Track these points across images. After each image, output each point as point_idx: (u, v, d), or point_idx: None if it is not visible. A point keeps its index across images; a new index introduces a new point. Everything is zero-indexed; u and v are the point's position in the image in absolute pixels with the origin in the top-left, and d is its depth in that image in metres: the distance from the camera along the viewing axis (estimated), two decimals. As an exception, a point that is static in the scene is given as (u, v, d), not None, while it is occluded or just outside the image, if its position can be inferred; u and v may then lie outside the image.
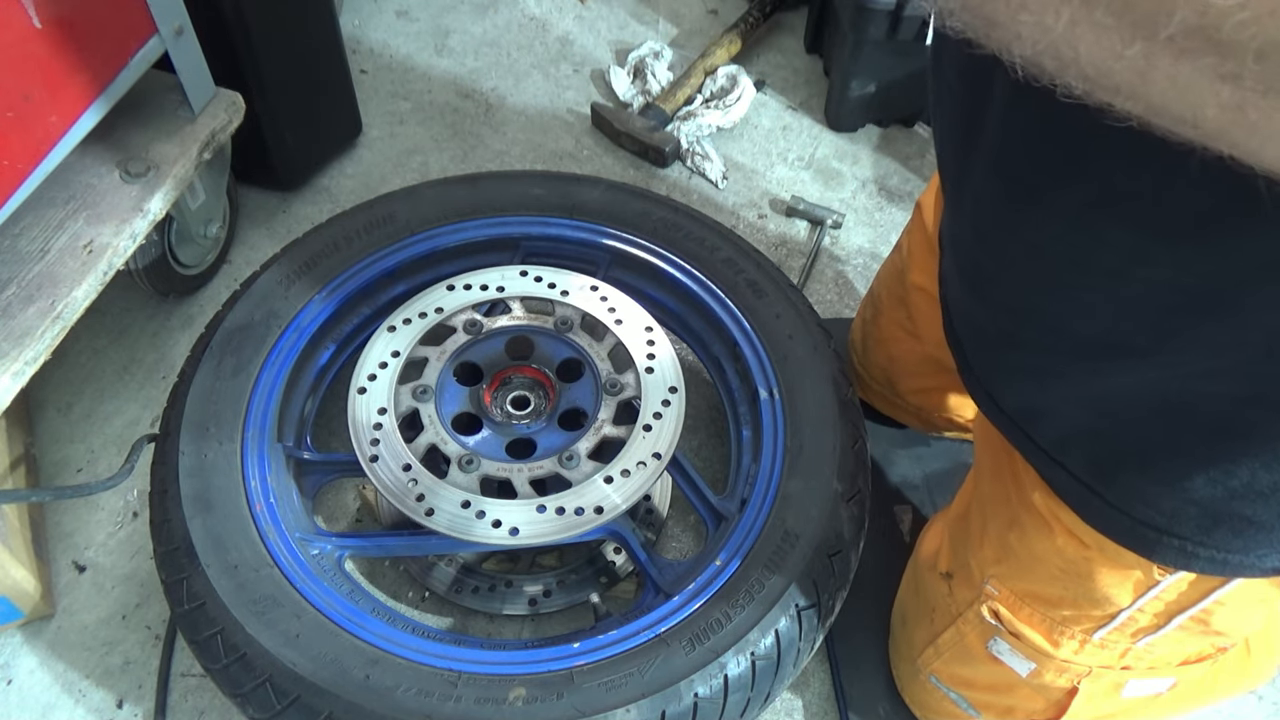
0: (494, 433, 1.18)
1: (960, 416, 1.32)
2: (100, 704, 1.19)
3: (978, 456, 1.02)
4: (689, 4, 2.10)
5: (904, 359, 1.28)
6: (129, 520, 1.33)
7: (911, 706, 1.18)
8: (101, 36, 1.14)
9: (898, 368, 1.30)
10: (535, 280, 1.28)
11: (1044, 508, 0.86)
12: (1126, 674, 0.92)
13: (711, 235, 1.36)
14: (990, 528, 0.96)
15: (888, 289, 1.27)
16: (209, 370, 1.18)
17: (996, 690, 1.01)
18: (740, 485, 1.20)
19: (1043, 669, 0.94)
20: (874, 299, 1.32)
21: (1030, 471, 0.87)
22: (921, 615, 1.09)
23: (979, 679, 1.02)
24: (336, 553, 1.15)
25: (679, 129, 1.80)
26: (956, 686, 1.05)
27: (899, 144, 1.87)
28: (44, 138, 1.11)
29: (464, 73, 1.94)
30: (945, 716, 1.12)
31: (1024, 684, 0.97)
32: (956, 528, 1.03)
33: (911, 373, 1.29)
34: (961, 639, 1.01)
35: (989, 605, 0.95)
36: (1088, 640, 0.90)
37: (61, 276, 1.15)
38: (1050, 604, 0.90)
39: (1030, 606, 0.92)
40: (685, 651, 1.01)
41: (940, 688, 1.08)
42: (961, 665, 1.03)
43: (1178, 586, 0.80)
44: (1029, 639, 0.93)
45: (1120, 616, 0.86)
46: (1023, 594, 0.92)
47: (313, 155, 1.72)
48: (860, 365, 1.39)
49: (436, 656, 1.01)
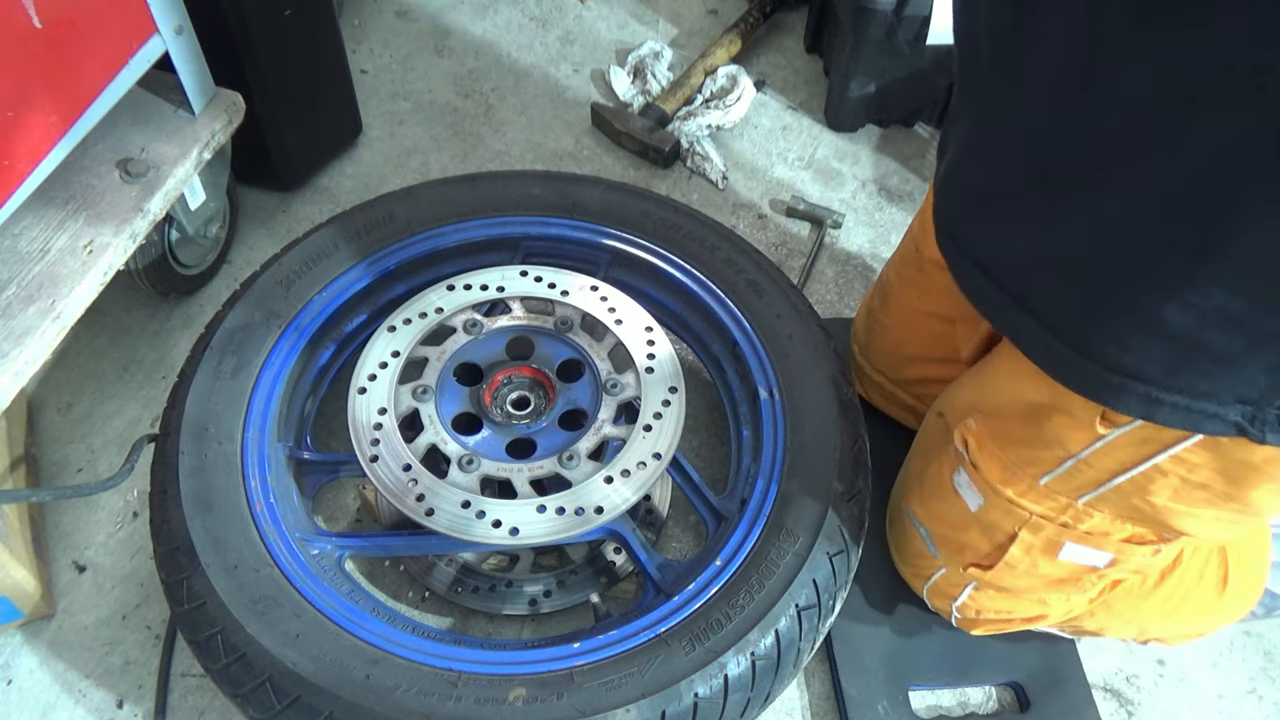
0: (494, 433, 1.18)
1: None
2: (100, 704, 1.19)
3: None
4: (689, 4, 2.10)
5: (912, 341, 1.29)
6: (129, 520, 1.33)
7: (893, 553, 1.27)
8: (101, 36, 1.14)
9: (904, 352, 1.31)
10: (535, 280, 1.29)
11: (1010, 353, 0.94)
12: (1064, 533, 0.99)
13: (711, 235, 1.36)
14: (975, 369, 1.08)
15: (897, 272, 1.28)
16: (209, 370, 1.18)
17: (954, 526, 1.10)
18: (740, 485, 1.20)
19: (990, 506, 1.02)
20: (882, 286, 1.33)
21: None
22: (918, 455, 1.20)
23: (943, 513, 1.11)
24: (336, 553, 1.15)
25: (679, 129, 1.80)
26: (926, 521, 1.15)
27: (899, 144, 1.87)
28: (45, 138, 1.11)
29: (464, 73, 1.94)
30: (913, 557, 1.20)
31: (974, 522, 1.05)
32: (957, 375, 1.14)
33: (916, 357, 1.30)
34: (939, 472, 1.10)
35: (962, 434, 1.04)
36: (1034, 484, 0.97)
37: (61, 276, 1.15)
38: (1010, 443, 0.99)
39: (993, 444, 1.01)
40: (685, 651, 1.01)
41: (914, 524, 1.17)
42: (933, 498, 1.13)
43: (1126, 441, 0.87)
44: (984, 473, 1.01)
45: (1066, 463, 0.93)
46: (992, 431, 1.01)
47: (313, 155, 1.72)
48: (862, 356, 1.40)
49: (436, 656, 1.01)
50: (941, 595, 1.17)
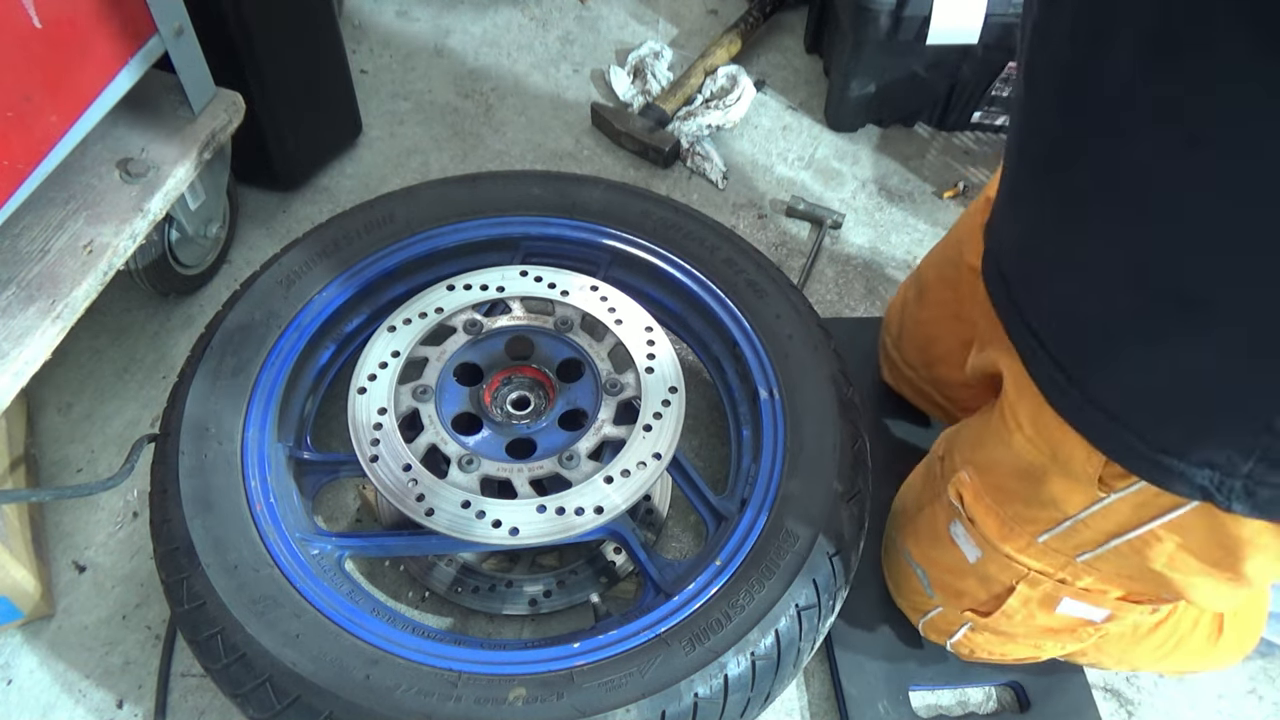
0: (494, 433, 1.18)
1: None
2: (100, 704, 1.19)
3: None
4: (689, 4, 2.10)
5: (943, 341, 1.29)
6: (129, 520, 1.33)
7: (889, 584, 1.26)
8: (101, 36, 1.14)
9: (935, 351, 1.31)
10: (535, 280, 1.28)
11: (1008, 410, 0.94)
12: (1062, 589, 0.98)
13: (711, 235, 1.36)
14: (975, 419, 1.07)
15: (937, 271, 1.28)
16: (209, 370, 1.18)
17: (951, 572, 1.09)
18: (740, 485, 1.20)
19: (988, 559, 1.01)
20: (919, 280, 1.32)
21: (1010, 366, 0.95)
22: (913, 495, 1.18)
23: (939, 559, 1.10)
24: (336, 553, 1.15)
25: (679, 129, 1.80)
26: (923, 563, 1.14)
27: (899, 144, 1.87)
28: (44, 138, 1.11)
29: (464, 73, 1.94)
30: (910, 594, 1.19)
31: (972, 572, 1.05)
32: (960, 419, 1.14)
33: (946, 359, 1.29)
34: (934, 518, 1.09)
35: (956, 488, 1.04)
36: (1032, 541, 0.96)
37: (61, 276, 1.15)
38: (1007, 498, 0.98)
39: (990, 498, 1.00)
40: (685, 651, 1.01)
41: (911, 564, 1.15)
42: (929, 544, 1.12)
43: (1123, 505, 0.86)
44: (981, 528, 1.00)
45: (1065, 524, 0.92)
46: (988, 485, 1.00)
47: (313, 155, 1.72)
48: (894, 347, 1.40)
49: (436, 656, 1.01)
50: (937, 631, 1.17)
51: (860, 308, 1.62)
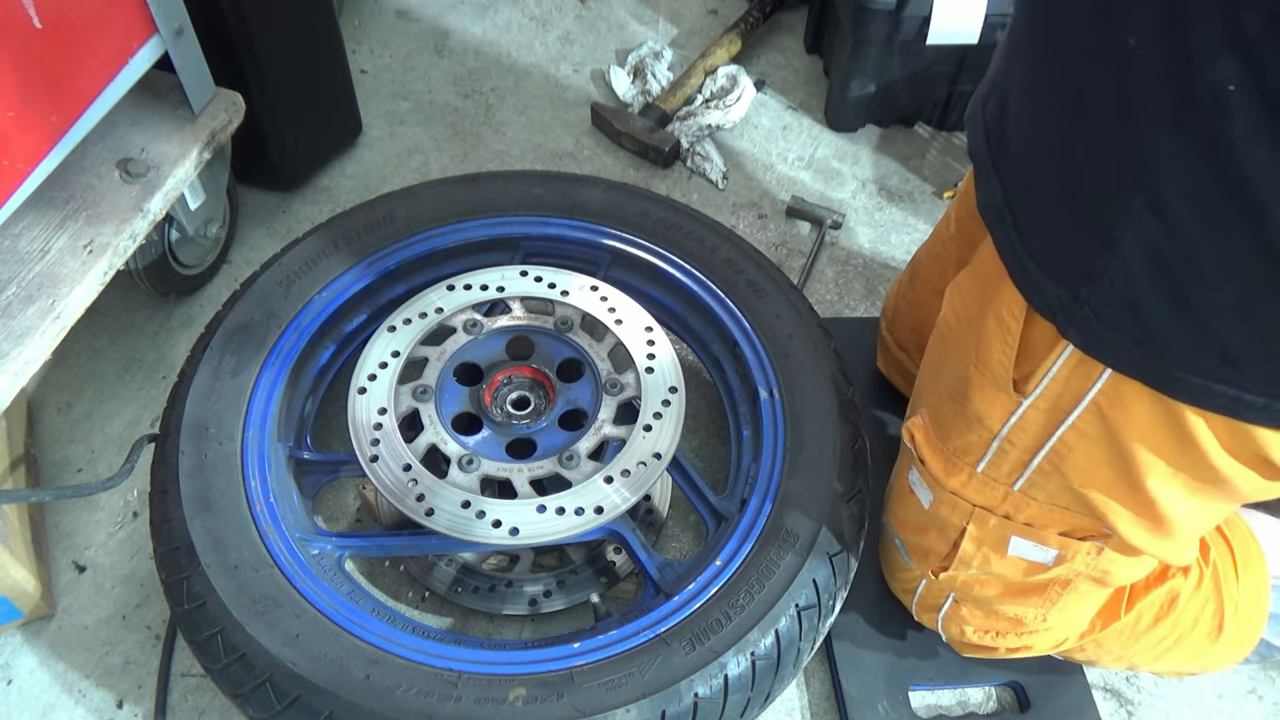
0: (494, 433, 1.18)
1: None
2: (100, 704, 1.19)
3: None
4: (689, 4, 2.10)
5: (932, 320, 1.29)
6: (129, 520, 1.33)
7: (885, 574, 1.26)
8: (101, 36, 1.14)
9: (925, 330, 1.31)
10: (535, 280, 1.29)
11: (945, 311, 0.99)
12: (1007, 525, 1.00)
13: (711, 235, 1.36)
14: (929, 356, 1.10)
15: (927, 249, 1.30)
16: (209, 370, 1.18)
17: (916, 529, 1.11)
18: (740, 485, 1.20)
19: (939, 501, 1.03)
20: (912, 264, 1.35)
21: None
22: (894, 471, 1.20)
23: (906, 516, 1.12)
24: (336, 553, 1.15)
25: (679, 129, 1.80)
26: (897, 529, 1.15)
27: (899, 144, 1.87)
28: (44, 138, 1.11)
29: (464, 73, 1.94)
30: (898, 572, 1.20)
31: (930, 521, 1.07)
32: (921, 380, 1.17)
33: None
34: (899, 477, 1.13)
35: (909, 430, 1.06)
36: (972, 474, 0.99)
37: (61, 276, 1.15)
38: (946, 428, 1.01)
39: (936, 437, 1.03)
40: (685, 651, 1.01)
41: (891, 535, 1.17)
42: (897, 503, 1.14)
43: (1034, 416, 0.90)
44: (930, 467, 1.03)
45: (993, 444, 0.95)
46: (933, 420, 1.03)
47: (313, 155, 1.72)
48: (888, 331, 1.41)
49: (436, 656, 1.01)
50: (927, 609, 1.17)
51: (860, 308, 1.62)
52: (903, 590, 1.21)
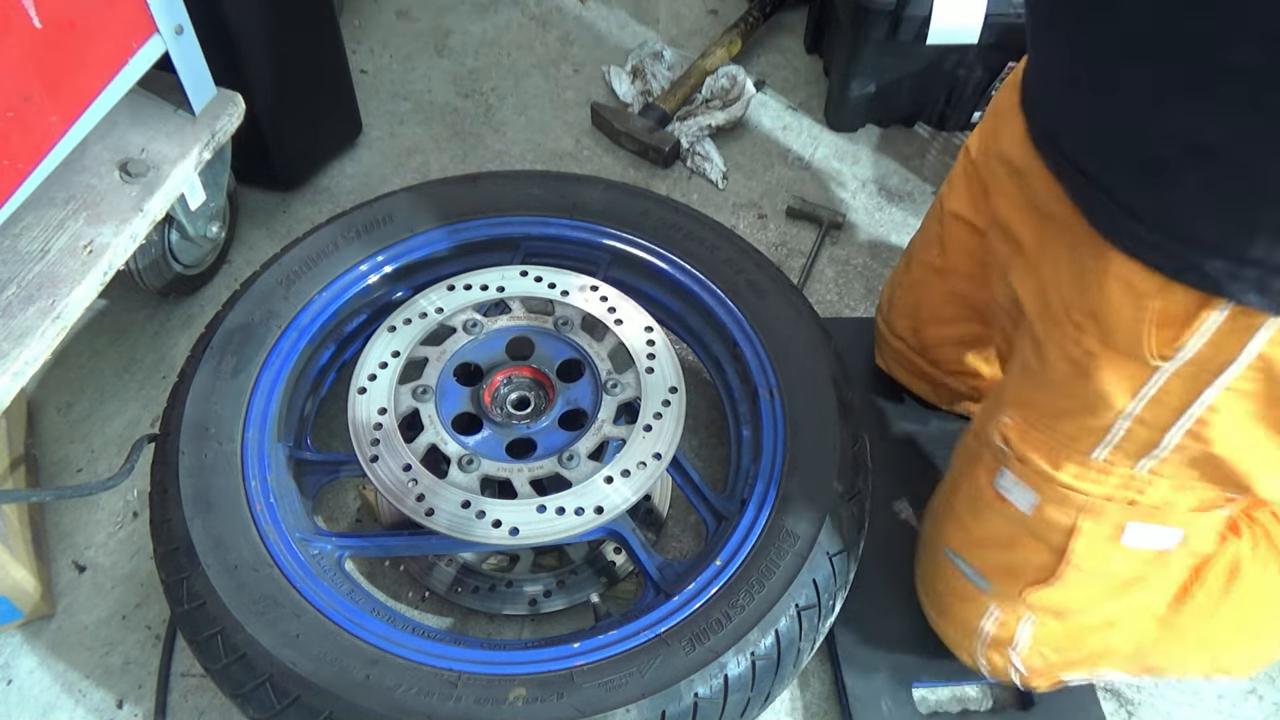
0: (494, 433, 1.18)
1: (974, 375, 1.33)
2: (100, 704, 1.19)
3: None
4: (689, 4, 2.10)
5: (929, 302, 1.30)
6: (129, 520, 1.33)
7: (934, 619, 1.19)
8: (101, 36, 1.14)
9: (922, 314, 1.32)
10: (535, 280, 1.29)
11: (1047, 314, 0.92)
12: (1129, 512, 0.93)
13: (711, 235, 1.36)
14: (1012, 369, 1.03)
15: (922, 235, 1.30)
16: (209, 370, 1.18)
17: (1003, 544, 1.03)
18: (740, 485, 1.20)
19: (1045, 501, 0.96)
20: (908, 250, 1.35)
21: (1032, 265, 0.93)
22: (949, 485, 1.13)
23: (988, 532, 1.04)
24: (336, 553, 1.15)
25: (679, 129, 1.80)
26: (967, 551, 1.07)
27: (899, 144, 1.87)
28: (44, 138, 1.11)
29: (464, 73, 1.94)
30: (959, 605, 1.11)
31: (1026, 531, 0.99)
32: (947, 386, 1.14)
33: (933, 319, 1.31)
34: (975, 485, 1.04)
35: (1000, 432, 0.99)
36: (1088, 460, 0.93)
37: (61, 276, 1.15)
38: (1055, 419, 0.94)
39: (1038, 428, 0.95)
40: (685, 651, 1.01)
41: (955, 561, 1.09)
42: (972, 521, 1.06)
43: (1174, 385, 0.84)
44: (1033, 462, 0.96)
45: (1119, 426, 0.88)
46: (1033, 416, 0.96)
47: (313, 155, 1.72)
48: (884, 322, 1.41)
49: (436, 656, 1.01)
50: (998, 648, 1.09)
51: (860, 308, 1.62)
52: (963, 634, 1.13)
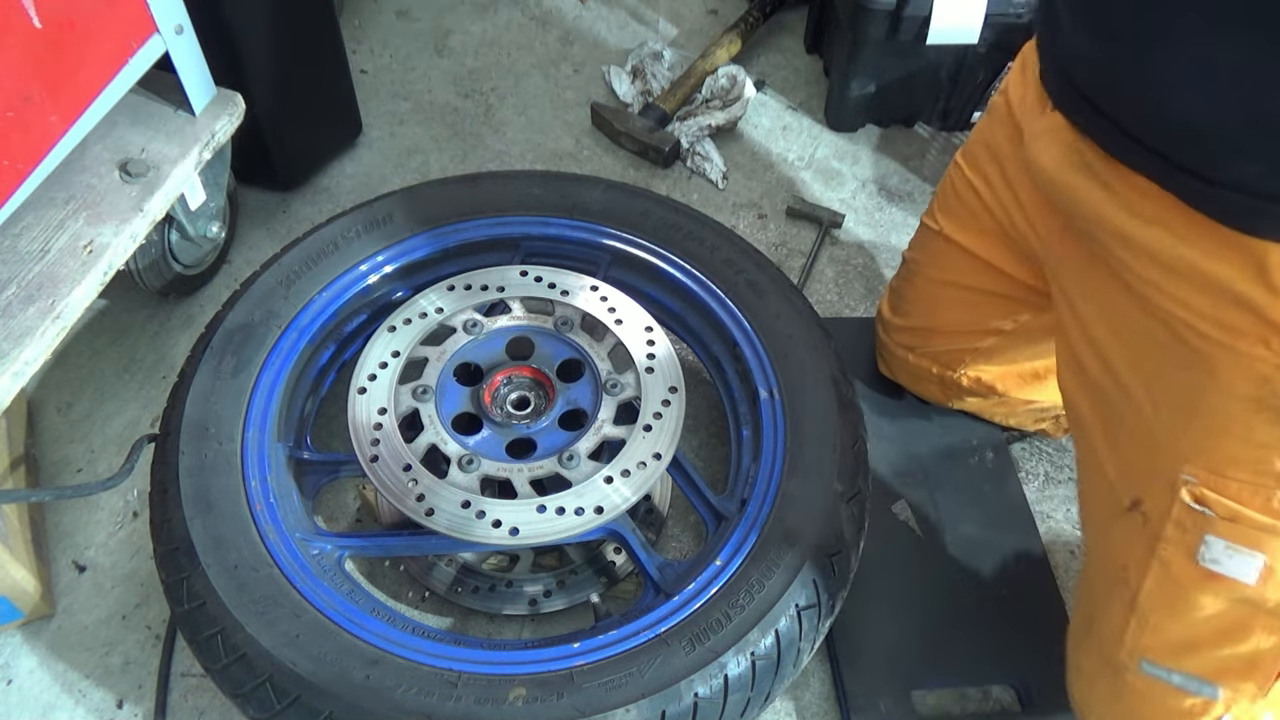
0: (494, 433, 1.18)
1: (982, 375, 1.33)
2: (100, 704, 1.19)
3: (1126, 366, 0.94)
4: (689, 4, 2.10)
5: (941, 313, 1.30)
6: (129, 520, 1.33)
7: None
8: (101, 36, 1.14)
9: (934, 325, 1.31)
10: (535, 280, 1.29)
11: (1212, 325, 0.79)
12: None
13: (711, 235, 1.36)
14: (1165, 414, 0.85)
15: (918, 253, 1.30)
16: (209, 370, 1.18)
17: (1228, 636, 0.84)
18: (740, 485, 1.20)
19: (1275, 561, 0.79)
20: (906, 266, 1.35)
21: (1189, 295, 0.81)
22: (1113, 585, 0.92)
23: (1202, 630, 0.85)
24: (336, 553, 1.15)
25: (679, 129, 1.80)
26: (1180, 660, 0.87)
27: (899, 144, 1.87)
28: (44, 138, 1.11)
29: (464, 73, 1.94)
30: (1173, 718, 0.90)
31: (1257, 607, 0.81)
32: (1130, 449, 0.91)
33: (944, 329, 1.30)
34: (1168, 572, 0.85)
35: (1190, 492, 0.82)
36: None
37: (61, 276, 1.15)
38: (1259, 459, 0.79)
39: (1235, 474, 0.80)
40: (685, 651, 1.01)
41: (1159, 676, 0.89)
42: (1176, 618, 0.86)
43: None
44: (1246, 517, 0.79)
45: None
46: (1223, 462, 0.81)
47: (313, 155, 1.72)
48: (885, 334, 1.41)
49: (436, 656, 1.01)
50: None
51: (860, 308, 1.62)
52: None
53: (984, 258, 1.18)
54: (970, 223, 1.19)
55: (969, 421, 1.43)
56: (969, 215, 1.19)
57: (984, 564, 1.31)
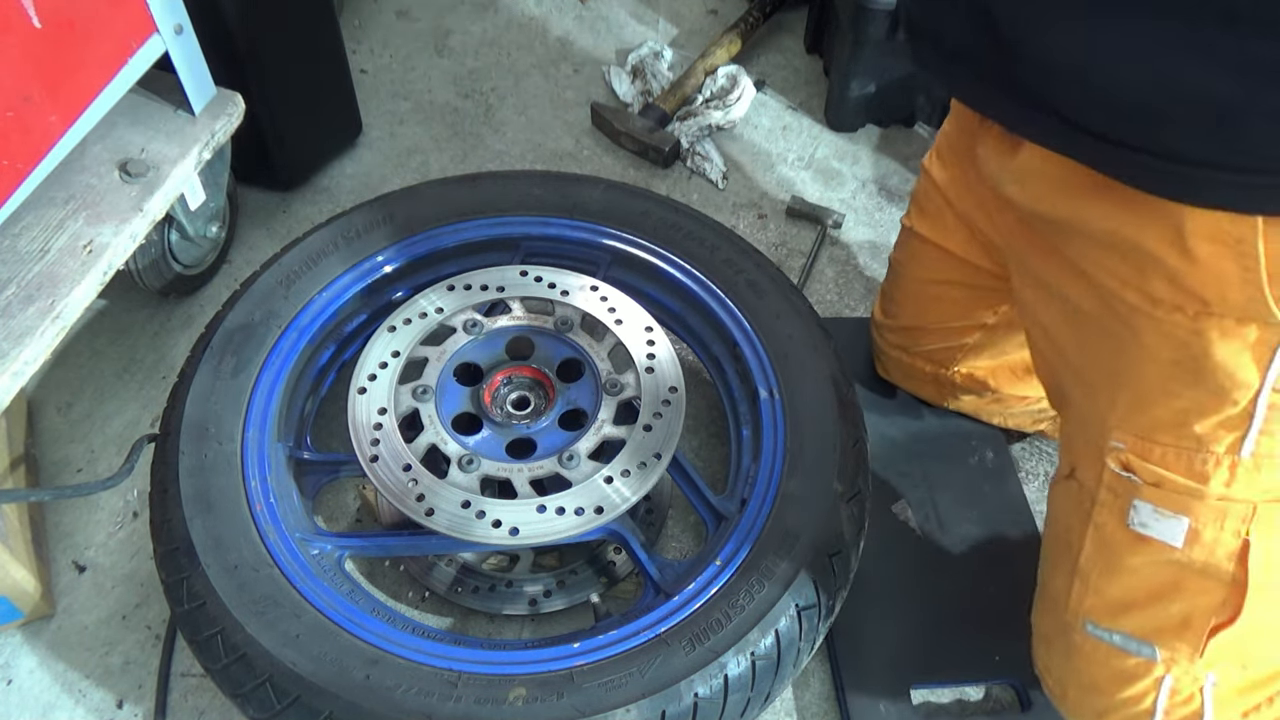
0: (494, 433, 1.18)
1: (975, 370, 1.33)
2: (100, 704, 1.19)
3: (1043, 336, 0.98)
4: (689, 4, 2.10)
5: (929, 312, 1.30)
6: (129, 520, 1.33)
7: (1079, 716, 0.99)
8: (101, 36, 1.14)
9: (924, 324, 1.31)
10: (535, 280, 1.29)
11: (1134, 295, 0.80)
12: None
13: (711, 235, 1.36)
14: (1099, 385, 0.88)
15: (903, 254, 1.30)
16: (209, 370, 1.18)
17: (1160, 597, 0.86)
18: (740, 485, 1.20)
19: (1199, 524, 0.81)
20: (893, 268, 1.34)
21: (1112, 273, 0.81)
22: (1060, 549, 0.96)
23: (1136, 591, 0.87)
24: (336, 553, 1.15)
25: (679, 129, 1.80)
26: (1118, 620, 0.89)
27: (899, 144, 1.87)
28: (44, 138, 1.11)
29: (464, 73, 1.94)
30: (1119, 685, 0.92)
31: (1185, 568, 0.83)
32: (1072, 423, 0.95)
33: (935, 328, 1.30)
34: (1102, 536, 0.88)
35: (1117, 458, 0.85)
36: (1237, 459, 0.79)
37: (61, 276, 1.15)
38: (1179, 423, 0.80)
39: (1160, 439, 0.82)
40: (685, 651, 1.01)
41: (1101, 637, 0.91)
42: (1112, 580, 0.88)
43: None
44: (1171, 482, 0.81)
45: (1260, 407, 0.76)
46: (1148, 428, 0.82)
47: (313, 155, 1.72)
48: (879, 336, 1.41)
49: (436, 656, 1.01)
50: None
51: (860, 308, 1.62)
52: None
53: (956, 253, 1.20)
54: (940, 220, 1.20)
55: (969, 422, 1.43)
56: (937, 213, 1.20)
57: (984, 564, 1.31)
